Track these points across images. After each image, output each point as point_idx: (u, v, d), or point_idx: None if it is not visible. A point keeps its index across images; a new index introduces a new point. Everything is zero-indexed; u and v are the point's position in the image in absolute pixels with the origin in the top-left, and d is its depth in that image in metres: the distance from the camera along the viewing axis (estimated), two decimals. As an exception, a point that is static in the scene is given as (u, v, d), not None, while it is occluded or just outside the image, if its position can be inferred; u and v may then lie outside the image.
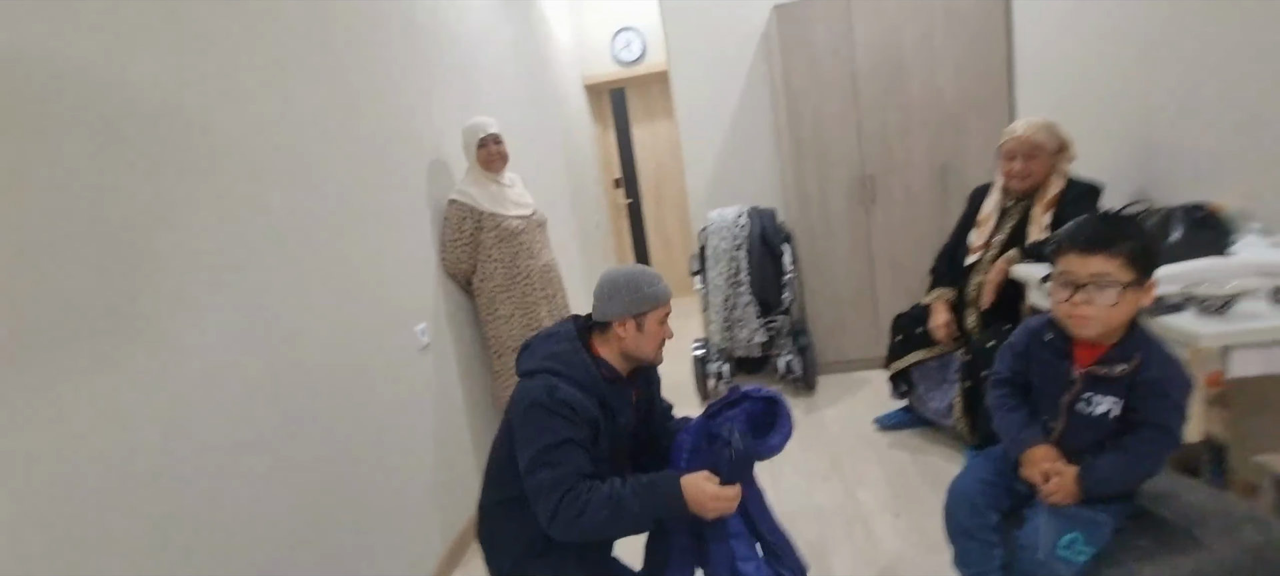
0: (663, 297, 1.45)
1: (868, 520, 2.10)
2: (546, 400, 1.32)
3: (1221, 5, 1.79)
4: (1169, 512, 1.27)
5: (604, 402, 1.40)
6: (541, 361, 1.40)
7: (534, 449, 1.31)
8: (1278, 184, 1.69)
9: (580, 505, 1.27)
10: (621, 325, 1.42)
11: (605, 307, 1.43)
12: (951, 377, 2.34)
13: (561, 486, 1.28)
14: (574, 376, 1.37)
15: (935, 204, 3.13)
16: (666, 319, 1.46)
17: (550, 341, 1.45)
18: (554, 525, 1.29)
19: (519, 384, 1.41)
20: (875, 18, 3.00)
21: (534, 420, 1.33)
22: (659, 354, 1.49)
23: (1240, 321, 1.35)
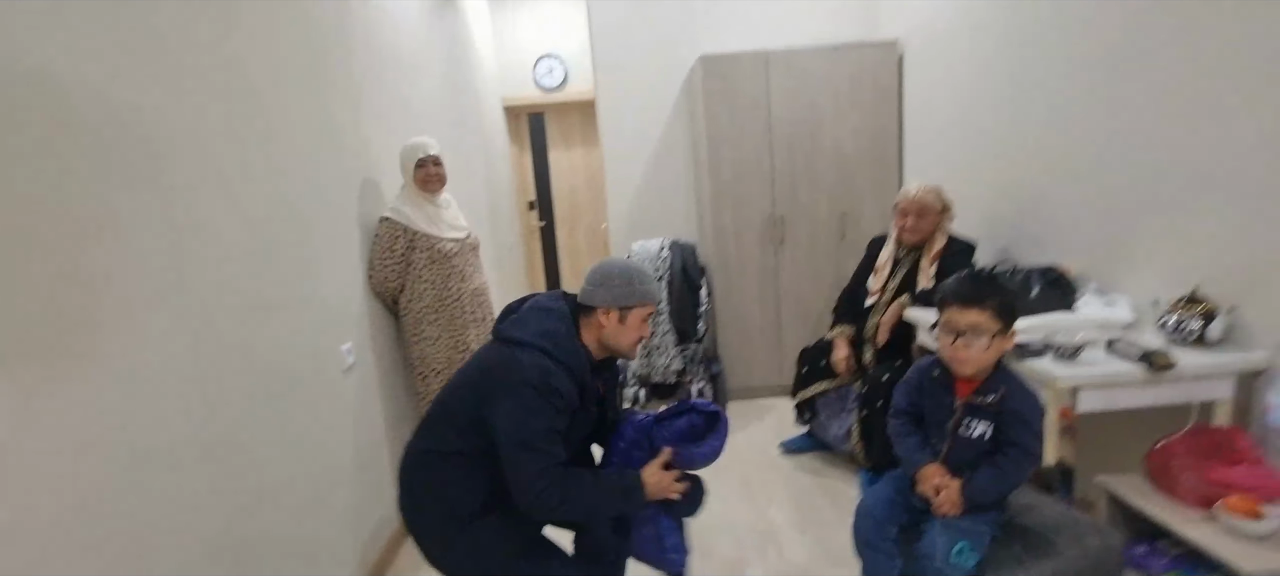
0: (652, 297, 1.50)
1: (778, 537, 2.28)
2: (541, 384, 1.35)
3: (1070, 100, 2.18)
4: (1031, 523, 1.53)
5: (583, 391, 1.44)
6: (535, 337, 1.40)
7: (522, 430, 1.34)
8: (1110, 253, 2.07)
9: (563, 493, 1.34)
10: (606, 314, 1.46)
11: (594, 293, 1.47)
12: (850, 407, 2.60)
13: (546, 474, 1.33)
14: (566, 362, 1.40)
15: (835, 247, 3.46)
16: (649, 319, 1.52)
17: (545, 316, 1.45)
18: (534, 506, 1.35)
19: (503, 349, 1.42)
20: (790, 76, 3.30)
21: (525, 400, 1.34)
22: (634, 350, 1.53)
23: (1085, 366, 1.65)
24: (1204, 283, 1.70)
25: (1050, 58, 2.26)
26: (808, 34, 3.64)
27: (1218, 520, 1.40)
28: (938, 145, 3.10)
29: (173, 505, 1.30)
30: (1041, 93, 2.33)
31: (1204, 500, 1.45)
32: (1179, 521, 1.44)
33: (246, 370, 1.57)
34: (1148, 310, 1.83)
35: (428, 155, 2.35)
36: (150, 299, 1.27)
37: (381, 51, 2.56)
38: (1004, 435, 1.48)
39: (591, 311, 1.48)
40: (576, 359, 1.42)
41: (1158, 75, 1.83)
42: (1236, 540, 1.34)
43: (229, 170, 1.54)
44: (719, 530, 2.34)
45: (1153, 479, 1.59)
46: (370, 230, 2.35)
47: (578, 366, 1.42)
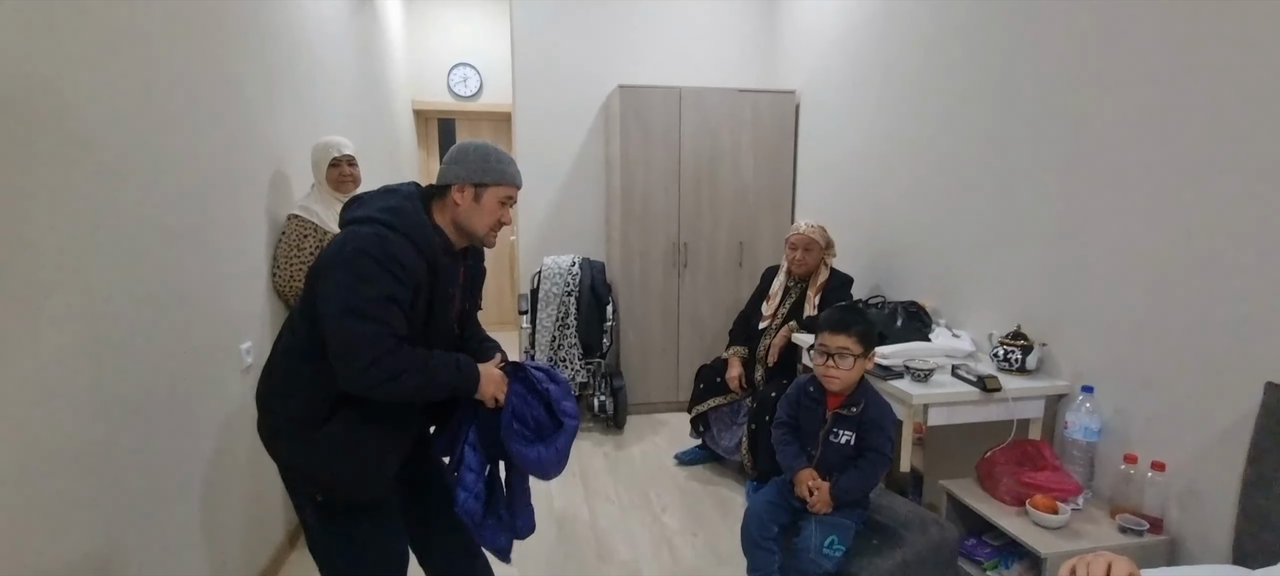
0: (509, 178, 1.40)
1: (672, 541, 2.44)
2: (376, 251, 1.25)
3: (927, 163, 2.55)
4: (886, 519, 1.79)
5: (434, 267, 1.34)
6: (375, 212, 1.31)
7: (352, 297, 1.23)
8: (956, 293, 2.44)
9: (397, 367, 1.24)
10: (460, 191, 1.37)
11: (448, 170, 1.38)
12: (740, 420, 2.83)
13: (378, 344, 1.22)
14: (410, 234, 1.30)
15: (733, 273, 3.73)
16: (508, 204, 1.42)
17: (388, 195, 1.36)
18: (362, 379, 1.23)
19: (343, 232, 1.32)
20: (699, 111, 3.55)
21: (357, 267, 1.24)
22: (491, 236, 1.44)
23: (935, 387, 1.95)
24: (1025, 321, 2.07)
25: (912, 127, 2.64)
26: (716, 76, 3.93)
27: (1027, 515, 1.71)
28: (825, 188, 3.45)
29: (60, 505, 1.24)
30: (907, 154, 2.70)
31: (1018, 499, 1.77)
32: (999, 516, 1.75)
33: (141, 367, 1.50)
34: (984, 342, 2.19)
35: (342, 154, 2.33)
36: (47, 288, 1.22)
37: (295, 44, 2.51)
38: (865, 441, 1.73)
39: (446, 192, 1.39)
40: (422, 232, 1.32)
41: (990, 153, 2.21)
42: (1039, 530, 1.66)
43: (134, 155, 1.48)
44: (616, 535, 2.47)
45: (981, 482, 1.90)
46: (277, 226, 2.29)
47: (424, 240, 1.32)
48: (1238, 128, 1.48)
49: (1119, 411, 1.79)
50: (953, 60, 2.42)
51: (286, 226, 2.26)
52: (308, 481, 1.38)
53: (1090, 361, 1.88)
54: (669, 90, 3.53)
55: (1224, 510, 1.52)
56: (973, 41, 2.31)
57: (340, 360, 1.24)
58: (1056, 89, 1.96)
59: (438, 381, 1.34)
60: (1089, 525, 1.67)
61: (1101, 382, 1.83)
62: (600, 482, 2.91)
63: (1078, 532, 1.64)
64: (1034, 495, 1.72)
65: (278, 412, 1.36)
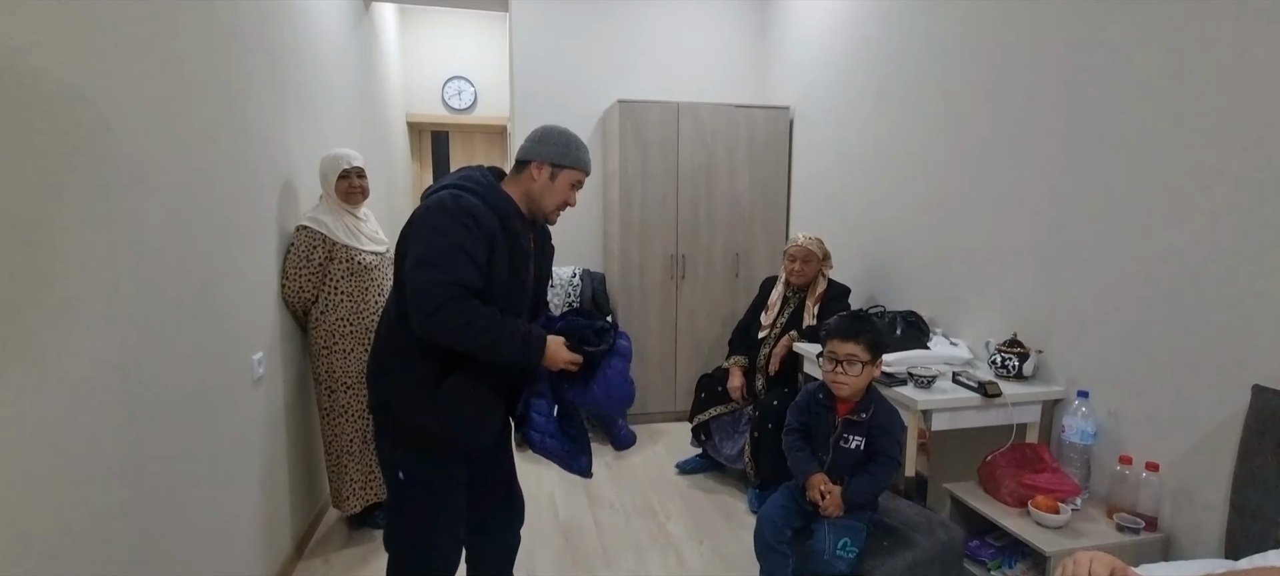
0: (583, 164, 1.52)
1: (678, 547, 2.47)
2: (449, 204, 1.35)
3: (923, 175, 2.65)
4: (895, 522, 1.84)
5: (506, 224, 1.42)
6: (450, 181, 1.44)
7: (425, 247, 1.33)
8: (954, 303, 2.52)
9: (469, 316, 1.32)
10: (539, 168, 1.47)
11: (532, 148, 1.49)
12: (742, 429, 2.88)
13: (444, 291, 1.31)
14: (480, 193, 1.40)
15: (729, 285, 3.79)
16: (577, 188, 1.53)
17: (463, 169, 1.48)
18: (432, 322, 1.32)
19: (422, 203, 1.42)
20: (696, 126, 3.62)
21: (432, 221, 1.35)
22: (555, 215, 1.55)
23: (937, 393, 2.02)
24: (1020, 330, 2.15)
25: (905, 141, 2.73)
26: (712, 91, 4.02)
27: (1030, 515, 1.78)
28: (819, 200, 3.54)
29: (88, 515, 1.24)
30: (900, 167, 2.79)
31: (1020, 500, 1.83)
32: (1002, 517, 1.81)
33: (163, 378, 1.51)
34: (981, 350, 2.27)
35: (352, 166, 2.36)
36: (84, 297, 1.23)
37: (302, 57, 2.53)
38: (874, 446, 1.79)
39: (525, 166, 1.50)
40: (495, 195, 1.42)
41: (983, 166, 2.30)
42: (1042, 530, 1.72)
43: (162, 167, 1.50)
44: (622, 543, 2.50)
45: (983, 484, 1.97)
46: (287, 237, 2.30)
47: (497, 201, 1.42)
48: (1224, 140, 1.57)
49: (1113, 415, 1.87)
50: (944, 76, 2.52)
51: (295, 237, 2.28)
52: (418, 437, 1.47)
53: (1085, 367, 1.96)
54: (667, 105, 3.59)
55: (1215, 507, 1.60)
56: (964, 58, 2.41)
57: (413, 309, 1.33)
58: (1048, 103, 2.05)
59: (505, 340, 1.40)
60: (1088, 524, 1.74)
61: (1096, 387, 1.91)
62: (603, 492, 2.93)
63: (1078, 531, 1.71)
64: (1035, 496, 1.79)
65: (396, 381, 1.46)
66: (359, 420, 2.39)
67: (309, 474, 2.51)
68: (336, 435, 2.39)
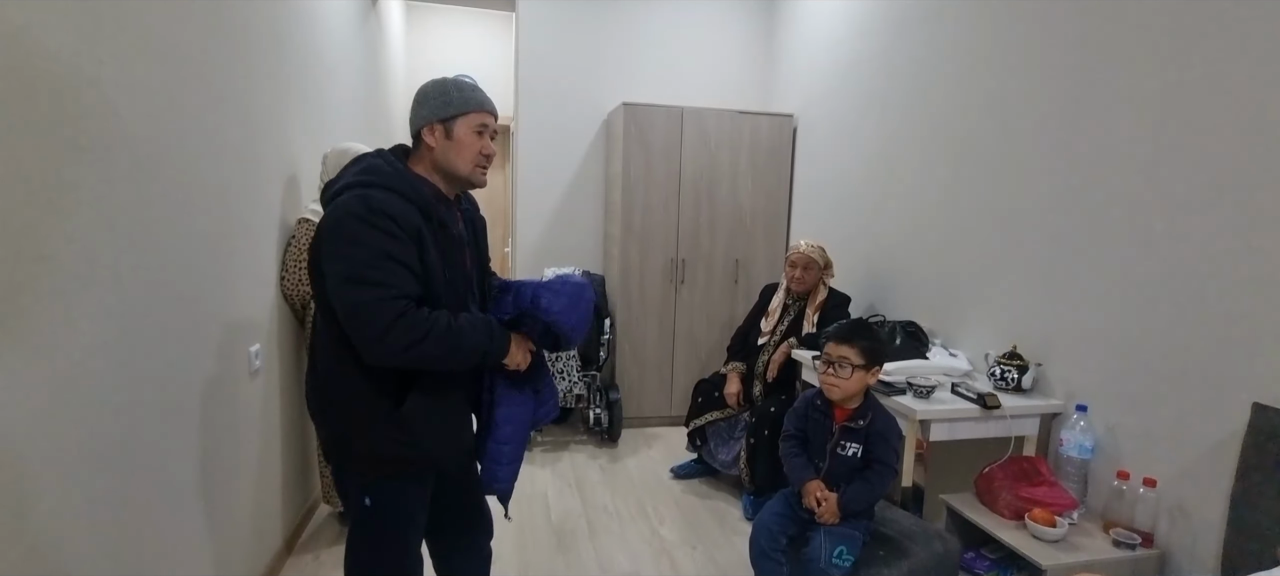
0: (476, 103, 1.31)
1: (671, 553, 2.46)
2: (360, 210, 1.16)
3: (925, 187, 2.65)
4: (891, 532, 1.84)
5: (428, 213, 1.26)
6: (350, 179, 1.24)
7: (346, 264, 1.16)
8: (953, 314, 2.53)
9: (417, 331, 1.17)
10: (429, 131, 1.29)
11: (415, 114, 1.31)
12: (738, 435, 2.87)
13: (385, 308, 1.15)
14: (389, 185, 1.22)
15: (729, 291, 3.79)
16: (485, 133, 1.33)
17: (359, 160, 1.29)
18: (381, 349, 1.17)
19: (326, 211, 1.24)
20: (700, 131, 3.63)
21: (346, 233, 1.16)
22: (479, 173, 1.35)
23: (936, 404, 2.02)
24: (1020, 342, 2.15)
25: (908, 152, 2.73)
26: (717, 97, 4.03)
27: (1026, 528, 1.77)
28: (820, 209, 3.54)
29: (82, 504, 1.23)
30: (903, 178, 2.80)
31: (1017, 513, 1.83)
32: (998, 529, 1.81)
33: (160, 368, 1.50)
34: (980, 361, 2.27)
35: None
36: (83, 282, 1.22)
37: (307, 49, 2.53)
38: (871, 453, 1.79)
39: (419, 141, 1.32)
40: (406, 182, 1.25)
41: (986, 179, 2.30)
42: (1038, 543, 1.72)
43: (164, 155, 1.49)
44: (615, 547, 2.48)
45: (980, 496, 1.97)
46: (288, 231, 2.29)
47: (409, 189, 1.24)
48: (1226, 159, 1.58)
49: (1111, 429, 1.87)
50: (948, 89, 2.52)
51: (296, 230, 2.27)
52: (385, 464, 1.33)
53: (1083, 381, 1.96)
54: (671, 110, 3.60)
55: (1212, 525, 1.60)
56: (967, 71, 2.42)
57: (354, 334, 1.18)
58: (1052, 117, 2.06)
59: (467, 344, 1.27)
60: (1084, 538, 1.74)
61: (1094, 402, 1.91)
62: (597, 495, 2.92)
63: (1074, 546, 1.70)
64: (1032, 509, 1.78)
65: (349, 413, 1.32)
66: (355, 415, 2.37)
67: (301, 468, 2.50)
68: (331, 430, 2.37)
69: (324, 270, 1.22)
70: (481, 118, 1.33)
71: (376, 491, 1.37)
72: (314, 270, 1.30)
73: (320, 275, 1.25)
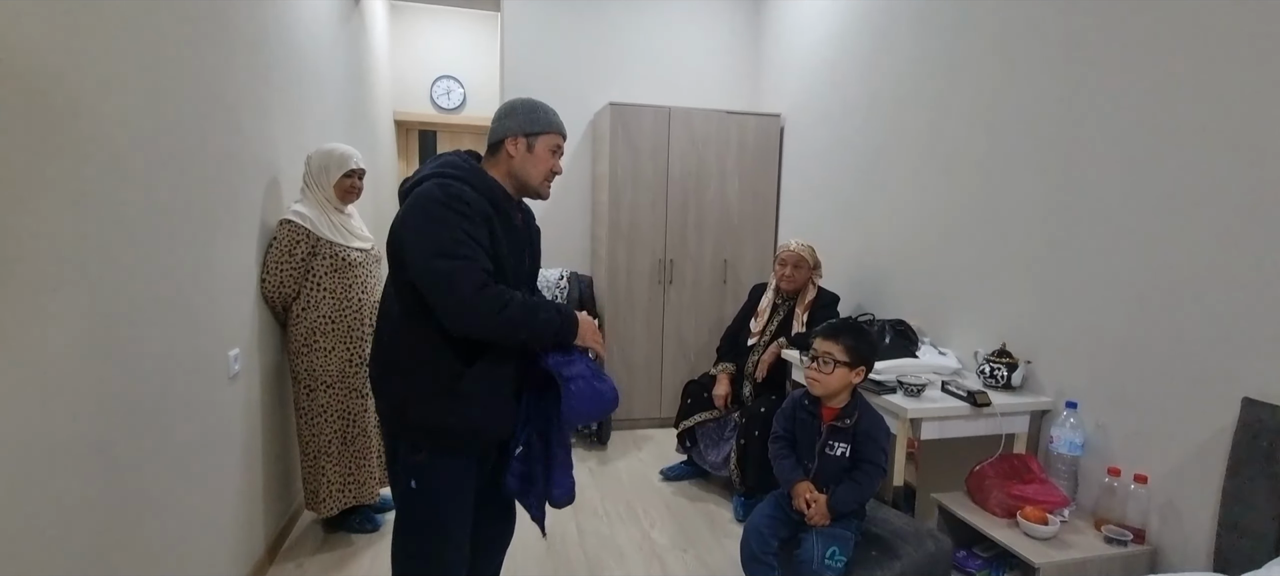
0: (557, 126, 1.48)
1: (662, 556, 2.43)
2: (439, 195, 1.31)
3: (913, 188, 2.65)
4: (882, 531, 1.82)
5: (497, 205, 1.39)
6: (428, 170, 1.39)
7: (432, 240, 1.28)
8: (942, 313, 2.52)
9: (504, 298, 1.30)
10: (513, 142, 1.43)
11: (500, 125, 1.46)
12: (728, 436, 2.85)
13: (474, 276, 1.27)
14: (464, 177, 1.36)
15: (717, 291, 3.77)
16: (557, 153, 1.48)
17: (440, 157, 1.43)
18: (470, 315, 1.28)
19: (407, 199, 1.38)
20: (687, 132, 3.61)
21: (427, 215, 1.30)
22: (545, 186, 1.50)
23: (927, 402, 2.01)
24: (1009, 340, 2.15)
25: (896, 152, 2.74)
26: (704, 97, 4.01)
27: (1018, 526, 1.76)
28: (808, 209, 3.54)
29: (55, 509, 1.18)
30: (891, 178, 2.80)
31: (1008, 511, 1.82)
32: (990, 528, 1.80)
33: (136, 370, 1.45)
34: (969, 359, 2.26)
35: (357, 167, 2.34)
36: (55, 283, 1.18)
37: (287, 47, 2.47)
38: (859, 453, 1.77)
39: (499, 147, 1.46)
40: (480, 177, 1.39)
41: (974, 178, 2.31)
42: (1031, 541, 1.71)
43: (139, 153, 1.44)
44: (606, 551, 2.45)
45: (971, 495, 1.96)
46: (268, 232, 2.24)
47: (483, 183, 1.38)
48: (1218, 157, 1.58)
49: (1101, 427, 1.87)
50: (937, 88, 2.53)
51: (278, 231, 2.22)
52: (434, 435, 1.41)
53: (1073, 378, 1.96)
54: (659, 110, 3.58)
55: (1204, 520, 1.60)
56: (957, 70, 2.42)
57: (444, 303, 1.29)
58: (1041, 116, 2.06)
59: (540, 319, 1.38)
60: (1076, 536, 1.73)
61: (1084, 398, 1.91)
62: (587, 498, 2.89)
63: (1066, 543, 1.70)
64: (1024, 507, 1.78)
65: (411, 380, 1.40)
66: (338, 420, 2.33)
67: (284, 474, 2.44)
68: (314, 435, 2.32)
69: (407, 249, 1.33)
70: (558, 140, 1.49)
71: (422, 472, 1.44)
72: (392, 252, 1.41)
73: (398, 254, 1.37)
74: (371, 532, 2.48)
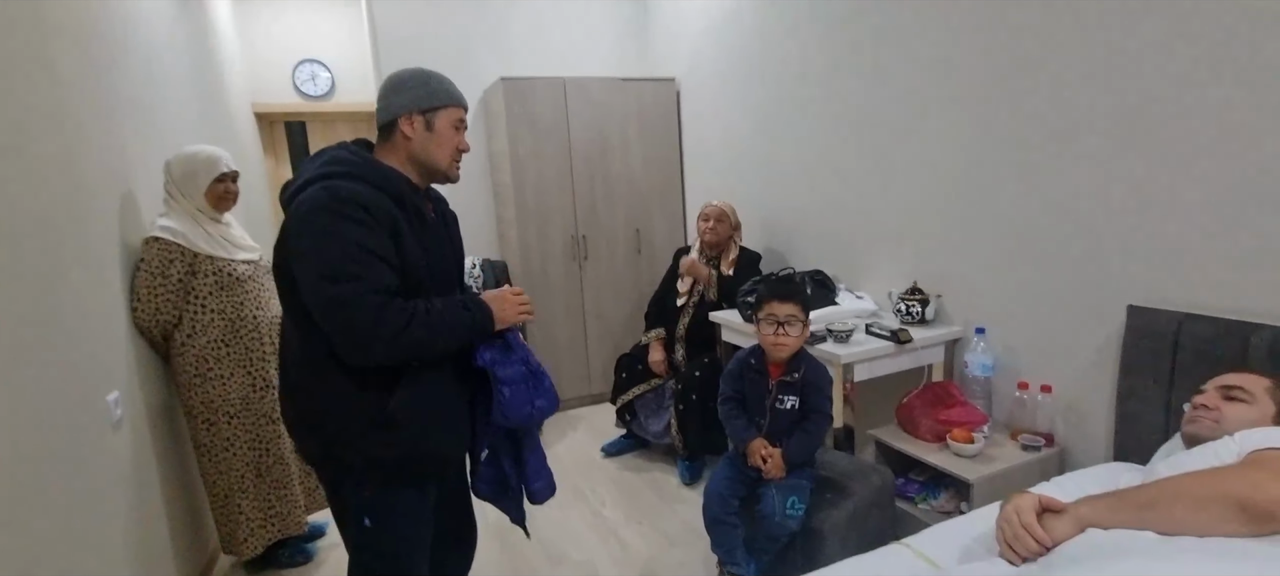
0: (458, 97, 1.31)
1: (618, 532, 2.43)
2: (326, 201, 1.12)
3: (818, 144, 2.75)
4: (831, 474, 1.92)
5: (402, 200, 1.22)
6: (313, 170, 1.19)
7: (320, 261, 1.10)
8: (855, 259, 2.66)
9: (404, 318, 1.14)
10: (408, 121, 1.25)
11: (390, 103, 1.26)
12: (667, 403, 2.88)
13: (366, 301, 1.10)
14: (363, 176, 1.18)
15: (633, 262, 3.76)
16: (462, 127, 1.32)
17: (323, 153, 1.24)
18: (366, 346, 1.12)
19: (290, 208, 1.18)
20: (585, 102, 3.52)
21: (316, 227, 1.11)
22: (454, 167, 1.33)
23: (856, 346, 2.12)
24: (919, 278, 2.30)
25: (795, 108, 2.82)
26: (597, 65, 3.92)
27: (949, 448, 1.92)
28: (713, 172, 3.59)
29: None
30: (792, 133, 2.89)
31: (937, 436, 1.97)
32: (925, 453, 1.94)
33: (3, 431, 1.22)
34: (885, 300, 2.41)
35: (229, 170, 2.06)
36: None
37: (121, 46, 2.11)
38: (808, 404, 1.84)
39: (392, 129, 1.27)
40: (377, 171, 1.21)
41: (874, 127, 2.43)
42: (962, 460, 1.87)
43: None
44: (561, 537, 2.41)
45: (902, 426, 2.10)
46: (133, 253, 1.94)
47: (381, 178, 1.20)
48: (1091, 92, 1.75)
49: (1008, 348, 2.06)
50: (831, 43, 2.61)
51: (145, 252, 1.93)
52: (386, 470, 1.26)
53: (980, 306, 2.14)
54: (553, 81, 3.46)
55: (1102, 418, 1.82)
56: (847, 23, 2.51)
57: (335, 335, 1.14)
58: (935, 62, 2.18)
59: (449, 323, 1.23)
60: (997, 449, 1.91)
61: (991, 324, 2.09)
62: (529, 488, 2.81)
63: (990, 457, 1.87)
64: (952, 430, 1.93)
65: (334, 419, 1.23)
66: (248, 451, 2.10)
67: (192, 520, 2.17)
68: (222, 472, 2.08)
69: (293, 271, 1.16)
70: (461, 113, 1.33)
71: (376, 508, 1.29)
72: (280, 275, 1.23)
73: (287, 280, 1.20)
74: (305, 564, 2.28)
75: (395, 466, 1.27)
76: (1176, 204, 1.59)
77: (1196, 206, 1.55)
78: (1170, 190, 1.59)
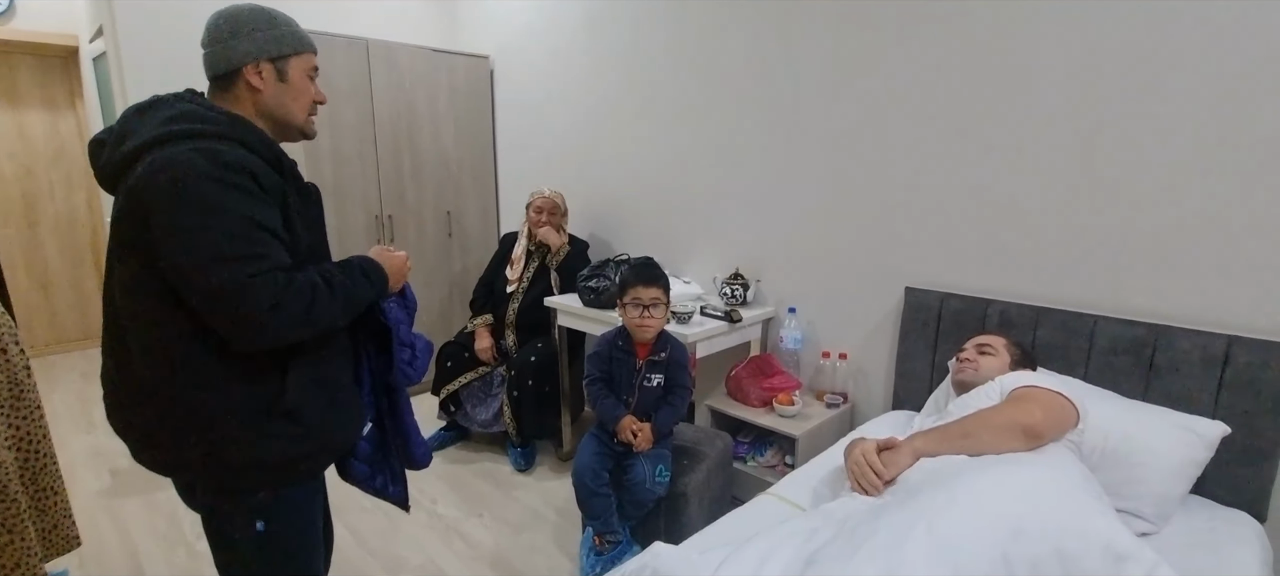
0: (308, 43, 1.16)
1: (458, 529, 2.32)
2: (206, 168, 0.94)
3: (639, 132, 2.92)
4: (684, 442, 2.10)
5: (284, 169, 1.08)
6: (162, 130, 0.97)
7: (208, 240, 0.93)
8: (676, 246, 2.90)
9: (306, 292, 1.01)
10: (255, 71, 1.08)
11: (229, 49, 1.07)
12: (496, 391, 2.80)
13: (266, 282, 0.96)
14: (230, 134, 1.01)
15: (444, 246, 3.56)
16: (315, 77, 1.18)
17: (159, 107, 1.02)
18: (268, 331, 0.98)
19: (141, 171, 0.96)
20: (391, 69, 3.22)
21: (195, 198, 0.93)
22: (311, 123, 1.19)
23: (695, 327, 2.33)
24: (740, 264, 2.61)
25: (618, 95, 2.96)
26: (401, 31, 3.61)
27: (774, 410, 2.23)
28: (528, 155, 3.56)
29: None
30: (615, 122, 3.02)
31: (764, 402, 2.28)
32: (756, 417, 2.23)
33: None
34: (709, 284, 2.68)
35: None
36: None
37: None
38: (671, 379, 1.99)
39: (234, 79, 1.08)
40: (248, 129, 1.05)
41: (698, 123, 2.68)
42: (787, 420, 2.19)
43: None
44: (401, 544, 2.23)
45: (732, 394, 2.38)
46: None
47: (250, 136, 1.04)
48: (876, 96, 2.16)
49: (812, 323, 2.46)
50: (649, 34, 2.78)
51: None
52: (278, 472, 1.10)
53: (791, 288, 2.51)
54: (354, 41, 3.10)
55: (883, 378, 2.28)
56: (666, 16, 2.70)
57: (230, 323, 0.98)
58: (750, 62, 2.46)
59: (351, 297, 1.12)
60: (810, 409, 2.28)
61: (800, 303, 2.47)
62: (351, 497, 2.50)
63: (806, 416, 2.22)
64: (777, 394, 2.25)
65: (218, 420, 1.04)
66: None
67: None
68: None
69: (166, 249, 0.95)
70: (314, 59, 1.18)
71: (271, 511, 1.13)
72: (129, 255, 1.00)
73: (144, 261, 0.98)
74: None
75: (289, 467, 1.12)
76: (940, 207, 2.06)
77: (954, 210, 2.04)
78: (935, 195, 2.07)
